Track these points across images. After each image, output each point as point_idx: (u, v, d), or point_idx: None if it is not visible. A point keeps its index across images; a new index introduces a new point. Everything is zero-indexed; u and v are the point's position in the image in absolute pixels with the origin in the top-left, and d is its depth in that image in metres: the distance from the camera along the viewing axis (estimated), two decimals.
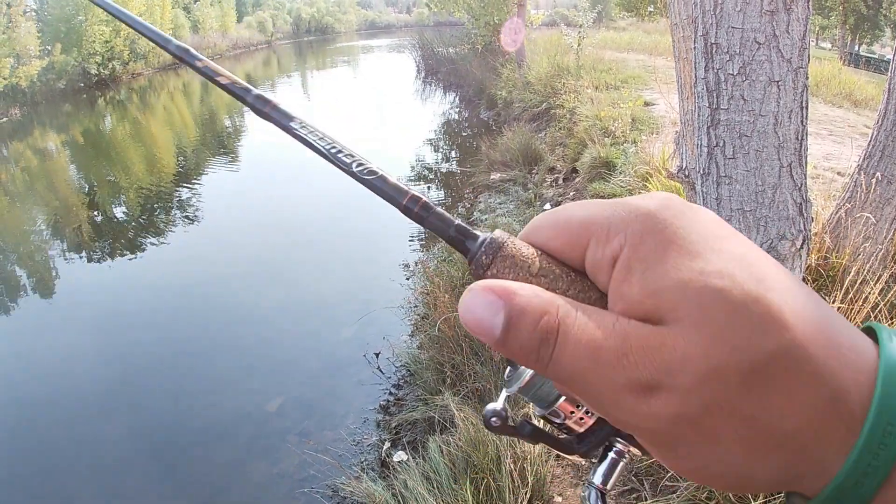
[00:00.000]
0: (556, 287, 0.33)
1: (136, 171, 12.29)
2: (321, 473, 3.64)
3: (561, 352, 0.29)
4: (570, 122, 8.95)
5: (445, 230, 0.37)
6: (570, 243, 0.33)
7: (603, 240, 0.31)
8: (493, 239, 0.35)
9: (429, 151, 11.87)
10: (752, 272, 0.28)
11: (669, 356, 0.27)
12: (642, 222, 0.30)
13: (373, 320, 5.25)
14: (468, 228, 0.37)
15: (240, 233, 8.28)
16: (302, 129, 0.41)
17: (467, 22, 17.82)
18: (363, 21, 79.66)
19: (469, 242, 0.36)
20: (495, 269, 0.34)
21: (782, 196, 2.00)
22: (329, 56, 41.74)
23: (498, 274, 0.34)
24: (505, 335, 0.30)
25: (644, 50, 17.85)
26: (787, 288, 0.28)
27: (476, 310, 0.31)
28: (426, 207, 0.37)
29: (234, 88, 0.45)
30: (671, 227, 0.29)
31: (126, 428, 4.36)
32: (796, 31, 1.86)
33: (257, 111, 0.42)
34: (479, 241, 0.35)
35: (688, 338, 0.27)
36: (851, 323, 0.29)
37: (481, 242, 0.35)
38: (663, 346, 0.27)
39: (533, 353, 0.30)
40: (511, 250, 0.34)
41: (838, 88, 11.34)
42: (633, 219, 0.30)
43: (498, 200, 7.66)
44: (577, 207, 0.34)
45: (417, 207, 0.37)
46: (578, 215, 0.33)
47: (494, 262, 0.34)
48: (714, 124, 1.99)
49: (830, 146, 6.75)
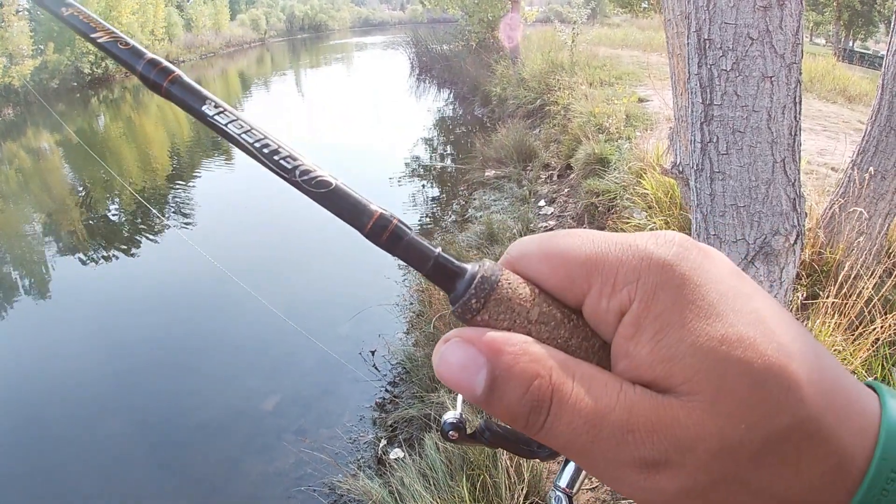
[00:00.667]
0: (556, 336, 0.29)
1: (130, 169, 12.24)
2: (318, 471, 3.64)
3: (555, 421, 0.27)
4: (564, 119, 8.95)
5: (423, 264, 0.31)
6: (570, 283, 0.29)
7: (609, 288, 0.28)
8: (485, 278, 0.30)
9: (423, 149, 11.86)
10: (773, 336, 0.26)
11: (682, 433, 0.25)
12: (657, 274, 0.27)
13: (368, 318, 5.25)
14: (452, 261, 0.31)
15: (234, 231, 8.26)
16: (220, 117, 0.32)
17: (461, 18, 17.81)
18: (357, 18, 79.49)
19: (453, 279, 0.31)
20: (487, 316, 0.29)
21: (776, 191, 2.00)
22: (323, 53, 41.66)
23: (490, 321, 0.29)
24: (488, 397, 0.27)
25: (638, 46, 17.86)
26: (803, 352, 0.27)
27: (453, 366, 0.28)
28: (397, 235, 0.31)
29: (117, 51, 0.32)
30: (689, 282, 0.27)
31: (122, 426, 4.35)
32: (789, 27, 1.86)
33: (152, 85, 0.32)
34: (467, 278, 0.30)
35: (703, 414, 0.25)
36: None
37: (469, 281, 0.30)
38: (675, 422, 0.26)
39: (521, 418, 0.27)
40: (507, 292, 0.29)
41: (832, 84, 11.38)
42: (647, 269, 0.28)
43: (493, 197, 7.66)
44: (576, 241, 0.30)
45: (386, 234, 0.30)
46: (580, 252, 0.29)
47: (486, 306, 0.29)
48: (707, 120, 2.00)
49: (825, 141, 6.78)
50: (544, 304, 0.30)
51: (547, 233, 0.32)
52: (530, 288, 0.30)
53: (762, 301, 0.28)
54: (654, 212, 4.44)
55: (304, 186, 0.31)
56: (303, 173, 0.31)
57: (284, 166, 0.31)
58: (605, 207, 5.67)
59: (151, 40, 30.92)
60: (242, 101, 21.73)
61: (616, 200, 5.47)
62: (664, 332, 0.26)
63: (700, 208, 2.15)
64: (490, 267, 0.30)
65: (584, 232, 0.30)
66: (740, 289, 0.28)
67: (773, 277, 2.14)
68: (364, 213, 0.31)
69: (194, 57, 35.95)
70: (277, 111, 18.67)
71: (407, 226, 0.31)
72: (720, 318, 0.26)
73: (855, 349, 2.67)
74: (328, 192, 0.31)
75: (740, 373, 0.25)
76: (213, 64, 35.28)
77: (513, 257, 0.32)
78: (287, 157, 0.31)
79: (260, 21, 52.13)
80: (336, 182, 0.31)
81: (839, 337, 2.73)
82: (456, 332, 0.29)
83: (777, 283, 2.16)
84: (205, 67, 33.07)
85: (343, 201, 0.31)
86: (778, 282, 2.16)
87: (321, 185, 0.31)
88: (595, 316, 0.29)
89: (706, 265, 0.28)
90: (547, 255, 0.30)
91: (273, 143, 0.31)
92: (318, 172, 0.31)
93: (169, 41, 33.89)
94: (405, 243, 0.31)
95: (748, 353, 0.25)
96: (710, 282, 0.27)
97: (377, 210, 0.31)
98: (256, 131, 0.31)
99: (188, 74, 0.33)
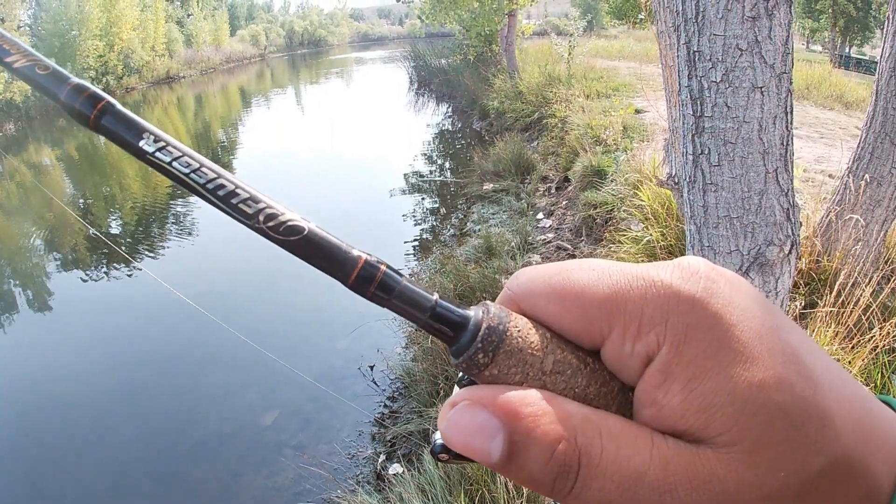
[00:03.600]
0: (573, 385, 0.27)
1: (130, 185, 12.29)
2: (316, 487, 3.62)
3: (585, 487, 0.25)
4: (561, 132, 8.98)
5: (418, 315, 0.27)
6: (587, 326, 0.27)
7: (634, 331, 0.26)
8: (492, 328, 0.26)
9: (422, 163, 11.90)
10: (804, 371, 0.25)
11: (721, 488, 0.24)
12: (687, 314, 0.25)
13: (366, 333, 5.24)
14: (452, 310, 0.28)
15: (234, 246, 8.26)
16: (162, 154, 0.27)
17: (458, 33, 17.92)
18: (356, 33, 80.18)
19: (455, 330, 0.27)
20: (496, 370, 0.26)
21: (769, 202, 2.00)
22: (322, 68, 41.91)
23: (500, 375, 0.26)
24: (506, 464, 0.25)
25: (635, 58, 17.94)
26: (835, 385, 0.26)
27: (465, 432, 0.26)
28: (387, 285, 0.27)
29: (35, 76, 0.27)
30: (721, 322, 0.25)
31: (122, 441, 4.34)
32: (779, 37, 1.87)
33: (78, 115, 0.26)
34: (471, 328, 0.27)
35: (741, 466, 0.24)
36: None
37: (474, 332, 0.27)
38: (714, 477, 0.24)
39: (545, 486, 0.25)
40: (518, 342, 0.26)
41: (829, 91, 11.43)
42: (675, 308, 0.25)
43: (491, 210, 7.67)
44: (591, 276, 0.27)
45: (374, 285, 0.27)
46: (598, 290, 0.27)
47: (495, 360, 0.26)
48: (699, 132, 2.00)
49: (822, 149, 6.79)
50: (558, 350, 0.27)
51: (555, 265, 0.29)
52: (541, 333, 0.27)
53: (791, 333, 0.27)
54: (650, 223, 4.44)
55: (271, 234, 0.26)
56: (268, 218, 0.26)
57: (245, 210, 0.26)
58: (603, 219, 5.68)
59: (152, 56, 31.16)
60: (243, 116, 21.85)
61: (613, 212, 5.48)
62: (699, 381, 0.25)
63: (694, 220, 2.15)
64: (496, 314, 0.27)
65: (597, 263, 0.28)
66: (770, 322, 0.26)
67: (768, 288, 2.13)
68: (346, 262, 0.27)
69: (194, 72, 36.21)
70: (278, 126, 18.76)
71: (396, 270, 0.28)
72: (756, 360, 0.25)
73: (853, 357, 2.65)
74: (300, 239, 0.26)
75: (779, 418, 0.24)
76: (214, 79, 35.51)
77: (517, 294, 0.29)
78: (247, 199, 0.26)
79: (260, 37, 52.56)
80: (309, 226, 0.27)
81: (837, 345, 2.72)
82: (464, 394, 0.27)
83: (773, 293, 2.15)
84: (205, 83, 33.28)
85: (319, 249, 0.27)
86: (773, 292, 2.15)
87: (291, 232, 0.26)
88: (617, 360, 0.27)
89: (736, 299, 0.26)
90: (558, 293, 0.27)
91: (229, 182, 0.26)
92: (287, 216, 0.26)
93: (169, 57, 34.16)
94: (397, 293, 0.27)
95: (785, 396, 0.24)
96: (742, 319, 0.25)
97: (361, 256, 0.27)
98: (208, 169, 0.26)
99: (189, 90, 0.30)
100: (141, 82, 30.09)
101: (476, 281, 4.88)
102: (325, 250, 0.27)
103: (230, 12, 51.41)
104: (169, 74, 33.27)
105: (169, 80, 32.90)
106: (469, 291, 4.82)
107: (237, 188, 0.26)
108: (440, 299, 0.28)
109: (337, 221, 8.70)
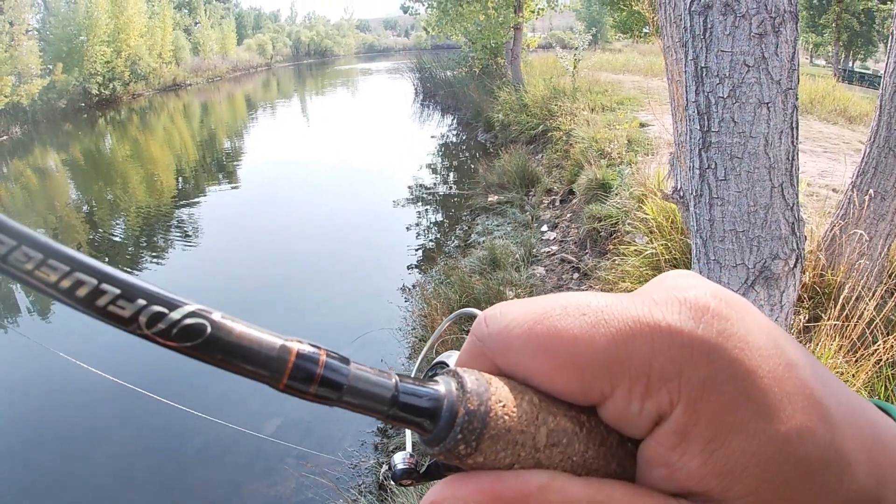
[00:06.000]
0: (570, 454, 0.23)
1: (135, 191, 12.35)
2: (319, 496, 3.62)
3: None
4: (566, 145, 9.02)
5: (378, 407, 0.23)
6: (584, 387, 0.23)
7: (642, 389, 0.23)
8: (471, 413, 0.22)
9: (427, 174, 11.94)
10: (822, 413, 0.23)
11: None
12: (702, 366, 0.22)
13: (370, 341, 5.24)
14: (417, 393, 0.23)
15: (237, 254, 8.29)
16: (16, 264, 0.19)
17: (464, 45, 18.01)
18: (362, 44, 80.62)
19: (427, 419, 0.23)
20: (481, 458, 0.22)
21: (774, 216, 2.02)
22: (328, 79, 42.15)
23: (486, 462, 0.22)
24: None
25: (639, 71, 18.02)
26: (845, 416, 0.24)
27: None
28: (332, 381, 0.22)
29: None
30: (740, 371, 0.23)
31: (124, 448, 4.34)
32: (785, 53, 1.89)
33: None
34: (445, 414, 0.22)
35: None
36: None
37: (449, 419, 0.22)
38: None
39: None
40: (504, 422, 0.22)
41: (833, 105, 11.45)
42: (689, 360, 0.22)
43: (495, 222, 7.69)
44: (584, 324, 0.23)
45: (315, 384, 0.22)
46: (595, 345, 0.23)
47: (480, 448, 0.22)
48: (705, 146, 2.02)
49: (825, 163, 6.81)
50: (550, 418, 0.23)
51: (533, 307, 0.24)
52: (528, 400, 0.23)
53: (805, 368, 0.24)
54: (655, 236, 4.46)
55: (159, 340, 0.20)
56: (152, 320, 0.20)
57: (117, 314, 0.19)
58: (607, 232, 5.69)
59: (159, 63, 31.37)
60: (248, 125, 21.96)
61: (618, 225, 5.49)
62: (719, 441, 0.22)
63: (700, 234, 2.17)
64: (473, 390, 0.23)
65: (586, 304, 0.24)
66: (784, 358, 0.24)
67: (773, 301, 2.15)
68: (271, 360, 0.21)
69: (201, 80, 36.46)
70: (283, 135, 18.84)
71: (339, 355, 0.23)
72: (778, 411, 0.22)
73: (857, 370, 2.66)
74: (202, 343, 0.20)
75: (801, 472, 0.23)
76: (220, 87, 35.73)
77: (492, 350, 0.25)
78: (117, 298, 0.19)
79: (266, 46, 52.89)
80: (213, 321, 0.20)
81: (841, 359, 2.72)
82: (445, 492, 0.23)
83: (777, 306, 2.16)
84: (211, 91, 33.48)
85: (231, 351, 0.21)
86: (778, 305, 2.17)
87: (188, 335, 0.20)
88: (620, 420, 0.24)
89: (750, 338, 0.23)
90: (545, 348, 0.23)
91: (88, 277, 0.19)
92: (178, 314, 0.20)
93: (176, 64, 34.41)
94: (348, 388, 0.22)
95: (808, 447, 0.23)
96: (760, 363, 0.23)
97: (291, 347, 0.21)
98: (59, 262, 0.19)
99: (195, 98, 0.25)
100: (147, 89, 30.29)
101: (481, 292, 4.90)
102: (239, 351, 0.21)
103: (237, 21, 51.80)
104: (175, 82, 33.52)
105: (175, 88, 33.13)
106: (474, 303, 4.83)
107: (101, 283, 0.19)
108: (400, 381, 0.23)
109: (341, 233, 8.73)
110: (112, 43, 26.24)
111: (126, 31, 27.36)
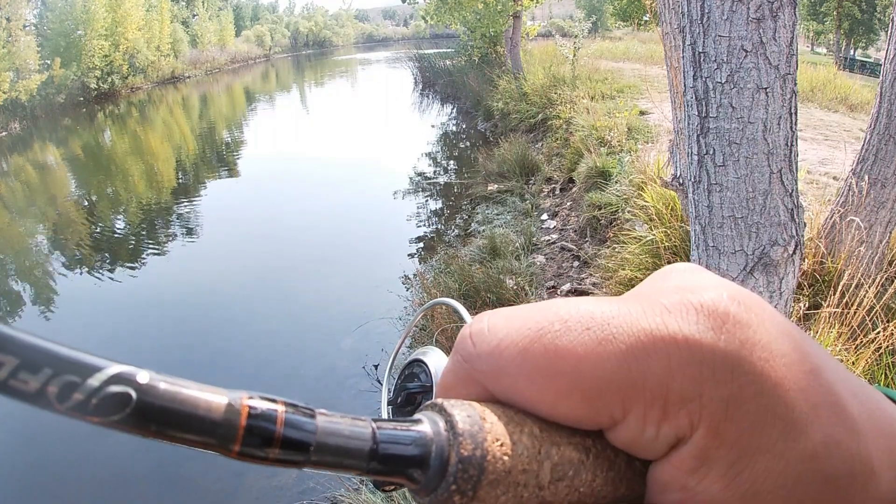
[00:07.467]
0: (577, 486, 0.21)
1: (135, 184, 12.34)
2: (320, 485, 3.63)
3: None
4: (566, 133, 8.99)
5: (354, 464, 0.20)
6: (590, 413, 0.21)
7: (658, 413, 0.20)
8: (465, 460, 0.19)
9: (427, 163, 11.92)
10: (848, 421, 0.22)
11: None
12: (725, 385, 0.20)
13: (371, 331, 5.25)
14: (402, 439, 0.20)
15: (238, 245, 8.29)
16: None
17: (463, 34, 17.95)
18: (361, 34, 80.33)
19: (413, 471, 0.20)
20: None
21: (773, 202, 2.01)
22: (327, 69, 42.01)
23: None
24: None
25: (639, 59, 17.94)
26: (867, 418, 0.23)
27: None
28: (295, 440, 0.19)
29: None
30: (765, 386, 0.21)
31: (125, 441, 4.35)
32: (783, 38, 1.88)
33: None
34: (433, 461, 0.20)
35: None
36: None
37: (440, 468, 0.20)
38: None
39: None
40: (503, 463, 0.20)
41: (833, 93, 11.42)
42: (709, 378, 0.20)
43: (495, 211, 7.68)
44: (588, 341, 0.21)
45: (276, 446, 0.18)
46: (601, 364, 0.20)
47: (478, 495, 0.20)
48: (703, 132, 2.01)
49: (826, 151, 6.79)
50: (554, 449, 0.21)
51: (529, 319, 0.22)
52: (528, 432, 0.21)
53: (827, 371, 0.23)
54: (654, 224, 4.45)
55: (77, 415, 0.16)
56: (65, 391, 0.16)
57: (20, 389, 0.16)
58: (607, 220, 5.69)
59: (157, 55, 31.27)
60: (248, 117, 21.91)
61: (618, 213, 5.49)
62: (743, 464, 0.20)
63: (698, 220, 2.16)
64: (467, 432, 0.20)
65: (590, 317, 0.21)
66: (808, 364, 0.22)
67: (772, 288, 2.14)
68: (218, 424, 0.17)
69: (199, 72, 36.34)
70: (282, 126, 18.80)
71: (304, 408, 0.20)
72: (805, 426, 0.21)
73: (857, 358, 2.66)
74: (131, 414, 0.17)
75: (829, 487, 0.21)
76: (219, 79, 35.62)
77: (482, 373, 0.22)
78: (18, 369, 0.16)
79: (265, 37, 52.69)
80: (140, 384, 0.17)
81: (841, 346, 2.73)
82: None
83: (777, 293, 2.16)
84: (210, 83, 33.38)
85: (167, 417, 0.17)
86: (778, 292, 2.16)
87: (112, 407, 0.16)
88: (632, 445, 0.22)
89: (774, 345, 0.21)
90: (545, 371, 0.21)
91: None
92: (93, 382, 0.16)
93: (174, 57, 34.28)
94: (317, 446, 0.19)
95: (835, 461, 0.21)
96: (786, 374, 0.21)
97: (243, 405, 0.18)
98: None
99: (194, 90, 0.24)
100: (146, 82, 30.21)
101: (481, 281, 4.90)
102: (176, 418, 0.17)
103: (235, 13, 51.57)
104: (174, 74, 33.40)
105: (174, 80, 33.03)
106: (474, 292, 4.83)
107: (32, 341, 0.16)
108: (378, 427, 0.20)
109: (341, 222, 8.73)
110: (110, 37, 26.15)
111: (124, 25, 27.24)
